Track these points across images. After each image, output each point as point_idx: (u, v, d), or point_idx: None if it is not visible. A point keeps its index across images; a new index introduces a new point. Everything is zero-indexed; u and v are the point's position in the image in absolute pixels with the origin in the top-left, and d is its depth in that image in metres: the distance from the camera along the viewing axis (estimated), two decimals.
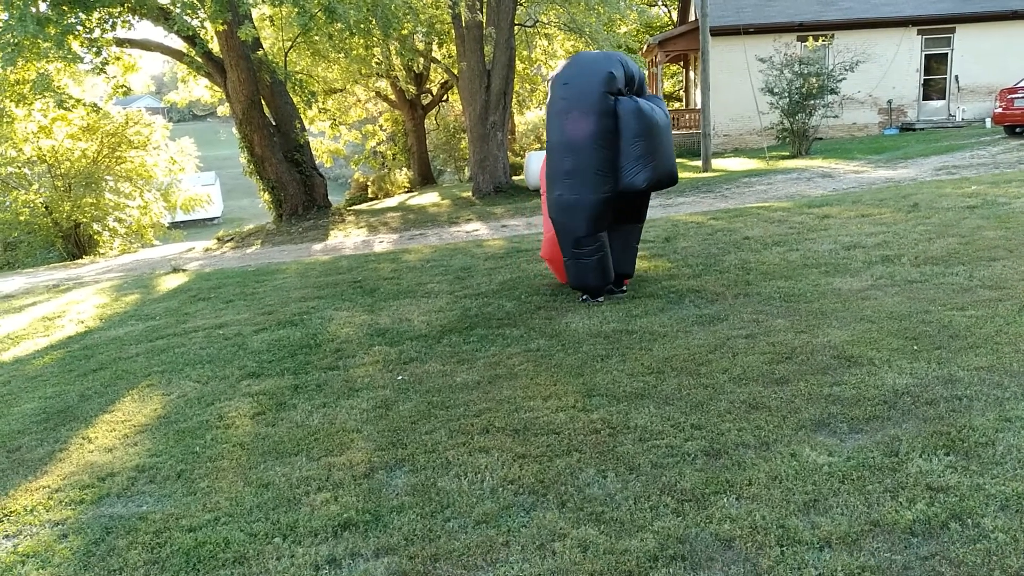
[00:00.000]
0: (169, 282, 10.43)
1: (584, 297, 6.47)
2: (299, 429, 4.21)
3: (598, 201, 6.10)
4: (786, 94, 17.69)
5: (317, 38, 16.95)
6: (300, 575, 2.76)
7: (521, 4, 19.20)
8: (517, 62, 24.69)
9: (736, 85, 21.12)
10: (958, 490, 2.85)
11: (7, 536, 3.30)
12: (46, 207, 19.93)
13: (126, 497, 3.57)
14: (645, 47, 24.48)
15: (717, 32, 20.38)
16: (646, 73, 27.13)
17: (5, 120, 14.05)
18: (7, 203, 20.29)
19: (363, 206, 24.28)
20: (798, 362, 4.39)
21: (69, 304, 9.49)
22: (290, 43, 17.98)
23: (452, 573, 2.68)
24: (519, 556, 2.73)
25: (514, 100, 31.41)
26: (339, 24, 13.95)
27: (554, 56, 26.86)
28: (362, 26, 14.81)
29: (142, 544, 3.07)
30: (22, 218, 20.10)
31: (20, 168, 19.90)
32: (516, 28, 18.45)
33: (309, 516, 3.17)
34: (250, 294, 8.52)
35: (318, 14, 13.61)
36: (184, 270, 11.60)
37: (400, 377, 4.94)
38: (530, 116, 37.76)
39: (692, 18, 24.33)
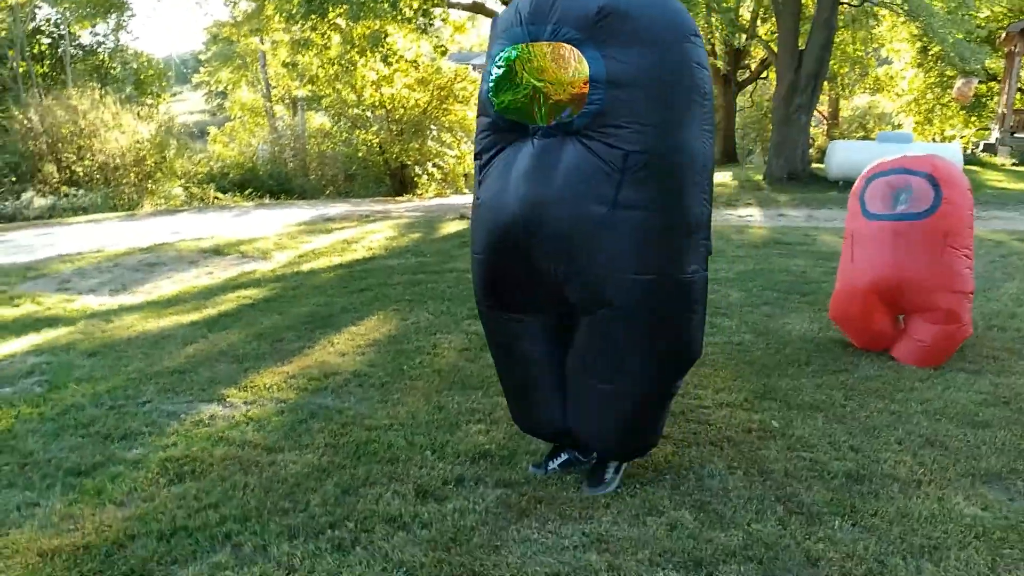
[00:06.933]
0: (451, 227, 11.65)
1: None
2: (490, 369, 4.67)
3: None
4: None
5: None
6: (431, 484, 3.22)
7: None
8: (847, 44, 22.87)
9: None
10: None
11: (246, 402, 4.22)
12: (380, 147, 22.89)
13: (336, 394, 4.34)
14: (1004, 35, 21.31)
15: None
16: (999, 63, 23.54)
17: (353, 68, 16.31)
18: (352, 139, 23.65)
19: None
20: (1014, 409, 3.91)
21: (368, 233, 11.07)
22: None
23: (545, 515, 2.96)
24: (612, 518, 2.94)
25: (841, 83, 29.22)
26: None
27: (880, 40, 24.42)
28: None
29: (330, 431, 3.77)
30: (360, 154, 23.34)
31: (363, 111, 23.02)
32: (841, 7, 17.11)
33: (460, 440, 3.64)
34: None
35: None
36: (467, 218, 12.82)
37: None
38: (858, 101, 34.78)
39: None
